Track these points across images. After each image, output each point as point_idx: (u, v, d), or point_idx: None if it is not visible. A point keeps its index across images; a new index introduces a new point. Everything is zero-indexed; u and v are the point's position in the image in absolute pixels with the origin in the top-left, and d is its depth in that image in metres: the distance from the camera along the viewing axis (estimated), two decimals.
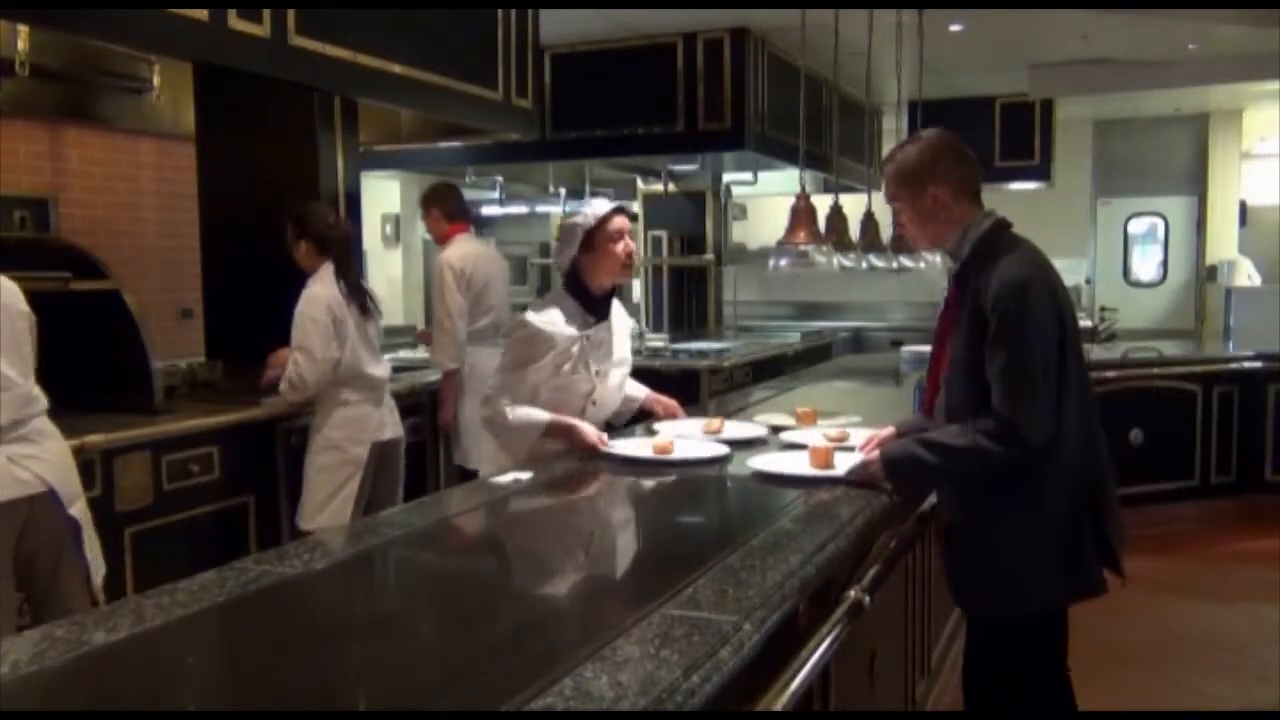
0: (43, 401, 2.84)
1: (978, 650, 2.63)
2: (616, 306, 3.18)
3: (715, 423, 3.16)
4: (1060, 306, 2.36)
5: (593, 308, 3.03)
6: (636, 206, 8.20)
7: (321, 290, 3.82)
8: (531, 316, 2.97)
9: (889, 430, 2.74)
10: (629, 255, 3.00)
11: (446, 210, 5.04)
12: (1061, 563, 2.38)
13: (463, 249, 4.93)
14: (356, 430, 3.88)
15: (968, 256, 2.43)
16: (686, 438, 3.01)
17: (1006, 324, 2.29)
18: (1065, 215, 9.57)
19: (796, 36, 4.88)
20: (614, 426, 3.25)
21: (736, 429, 3.17)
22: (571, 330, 2.96)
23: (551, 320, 2.95)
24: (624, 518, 2.61)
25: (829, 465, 2.58)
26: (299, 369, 3.75)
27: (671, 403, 3.35)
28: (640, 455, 2.80)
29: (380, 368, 4.00)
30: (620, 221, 2.99)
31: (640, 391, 3.35)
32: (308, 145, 4.32)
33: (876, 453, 2.52)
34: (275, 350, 3.90)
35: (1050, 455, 2.30)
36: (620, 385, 3.21)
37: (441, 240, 5.05)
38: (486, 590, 1.96)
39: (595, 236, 2.96)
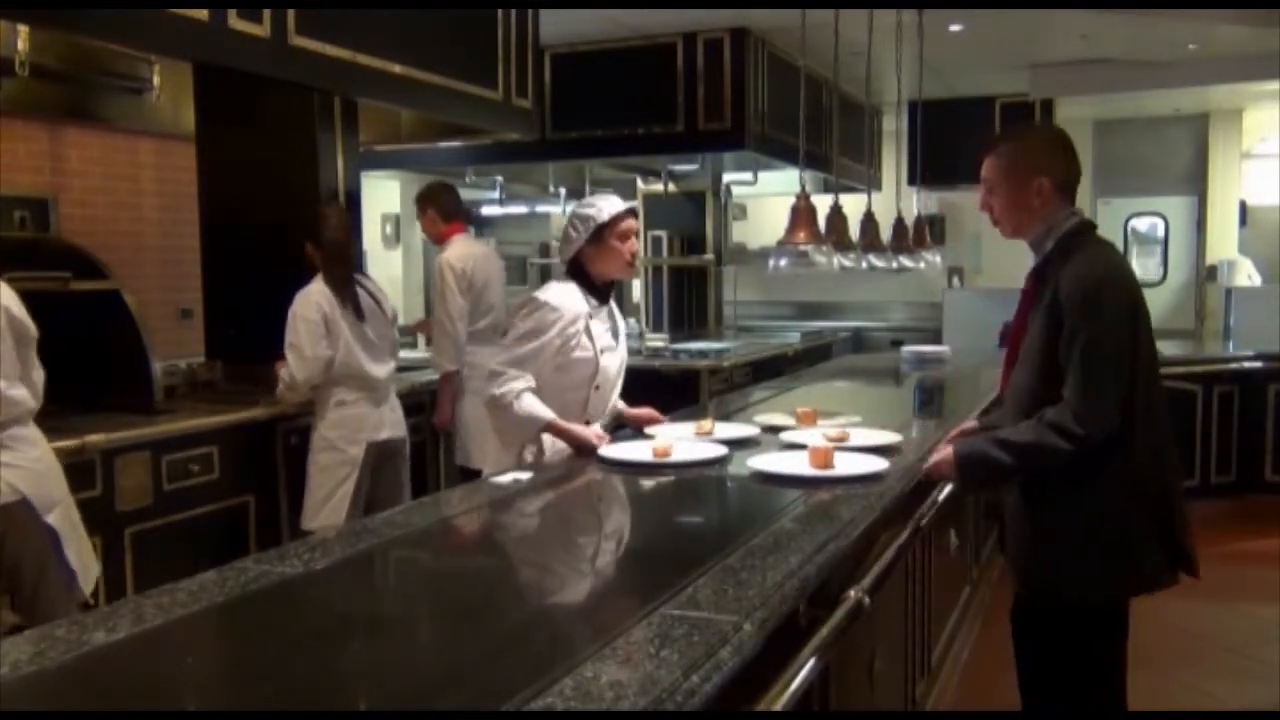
0: (27, 404, 2.77)
1: (1028, 636, 2.62)
2: (612, 305, 3.28)
3: (706, 424, 3.16)
4: (1135, 310, 2.38)
5: (595, 293, 3.14)
6: (637, 206, 8.20)
7: (314, 289, 3.84)
8: (538, 293, 3.10)
9: (970, 422, 2.78)
10: (633, 255, 3.12)
11: (443, 210, 5.02)
12: (1111, 558, 2.38)
13: (462, 249, 4.91)
14: (353, 430, 3.88)
15: (1051, 251, 2.46)
16: (681, 440, 3.00)
17: (1082, 320, 2.32)
18: None
19: (796, 36, 4.87)
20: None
21: (728, 430, 3.17)
22: (579, 306, 3.06)
23: (557, 294, 3.07)
24: (624, 518, 2.61)
25: (829, 465, 2.58)
26: (290, 368, 3.76)
27: (644, 413, 3.33)
28: (640, 459, 2.80)
29: (382, 368, 3.99)
30: (631, 223, 3.11)
31: (619, 403, 3.36)
32: (308, 145, 4.32)
33: (949, 449, 2.54)
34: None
35: (1111, 449, 2.32)
36: (619, 374, 3.26)
37: (438, 240, 5.04)
38: (486, 590, 1.96)
39: (604, 232, 3.06)
